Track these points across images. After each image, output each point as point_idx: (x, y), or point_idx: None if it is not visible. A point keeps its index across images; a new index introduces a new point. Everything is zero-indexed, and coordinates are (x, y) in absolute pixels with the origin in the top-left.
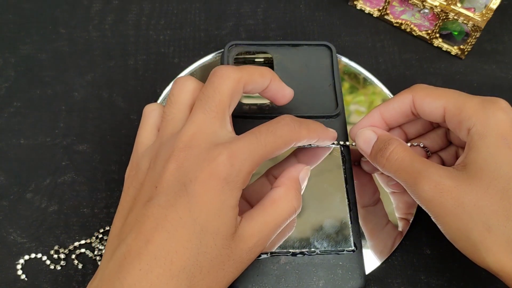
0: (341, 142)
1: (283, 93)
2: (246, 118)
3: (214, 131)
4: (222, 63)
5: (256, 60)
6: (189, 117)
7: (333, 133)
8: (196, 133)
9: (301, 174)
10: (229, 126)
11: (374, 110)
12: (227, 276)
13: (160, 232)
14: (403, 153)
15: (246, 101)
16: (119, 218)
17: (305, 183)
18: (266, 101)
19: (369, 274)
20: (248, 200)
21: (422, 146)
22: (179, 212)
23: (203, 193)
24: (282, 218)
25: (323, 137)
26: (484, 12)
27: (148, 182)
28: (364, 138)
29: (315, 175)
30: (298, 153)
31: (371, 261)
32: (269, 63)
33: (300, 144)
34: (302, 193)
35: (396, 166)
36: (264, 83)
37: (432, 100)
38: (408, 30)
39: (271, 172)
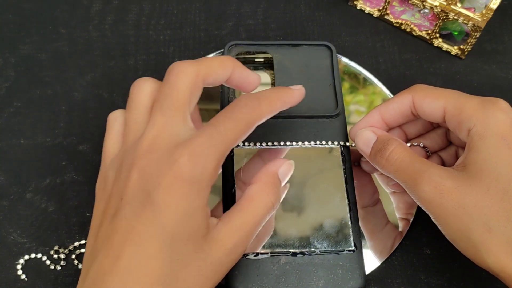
0: (341, 143)
1: (248, 80)
2: None
3: (174, 131)
4: None
5: (256, 60)
6: (149, 120)
7: (298, 90)
8: (156, 136)
9: (281, 168)
10: (190, 123)
11: (374, 111)
12: (207, 282)
13: (129, 245)
14: (402, 153)
15: None
16: (91, 235)
17: (287, 178)
18: None
19: (369, 274)
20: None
21: (422, 146)
22: (146, 222)
23: (169, 199)
24: (261, 215)
25: (288, 103)
26: (484, 12)
27: (114, 194)
28: (364, 138)
29: (315, 175)
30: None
31: (371, 261)
32: (269, 63)
33: (266, 119)
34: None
35: (396, 167)
36: (225, 74)
37: (431, 101)
38: (408, 30)
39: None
